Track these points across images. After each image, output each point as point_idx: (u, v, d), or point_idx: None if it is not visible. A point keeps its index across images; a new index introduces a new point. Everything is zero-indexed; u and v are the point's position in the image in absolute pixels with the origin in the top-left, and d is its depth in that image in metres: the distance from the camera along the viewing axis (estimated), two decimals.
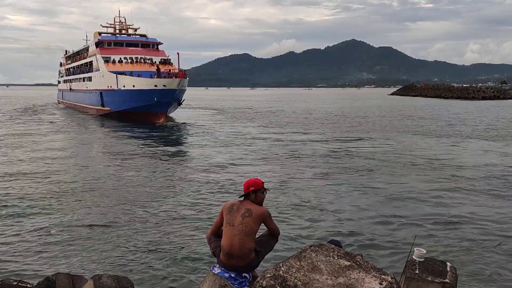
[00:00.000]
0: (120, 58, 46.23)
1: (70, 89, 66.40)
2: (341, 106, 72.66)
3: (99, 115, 46.61)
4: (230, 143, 23.84)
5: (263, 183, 5.04)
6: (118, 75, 41.98)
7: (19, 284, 5.22)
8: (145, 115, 38.60)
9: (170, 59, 46.31)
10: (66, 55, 72.50)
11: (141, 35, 52.99)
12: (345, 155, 19.28)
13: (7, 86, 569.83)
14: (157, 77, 38.27)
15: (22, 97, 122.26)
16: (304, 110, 58.11)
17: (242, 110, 59.35)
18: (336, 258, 3.94)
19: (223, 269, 4.87)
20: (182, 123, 38.19)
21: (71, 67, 66.05)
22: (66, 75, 70.52)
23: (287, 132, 29.89)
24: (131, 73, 41.90)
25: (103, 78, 46.01)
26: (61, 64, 78.35)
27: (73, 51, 67.73)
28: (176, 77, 37.72)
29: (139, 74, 41.37)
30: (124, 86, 40.98)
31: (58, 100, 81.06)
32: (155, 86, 37.44)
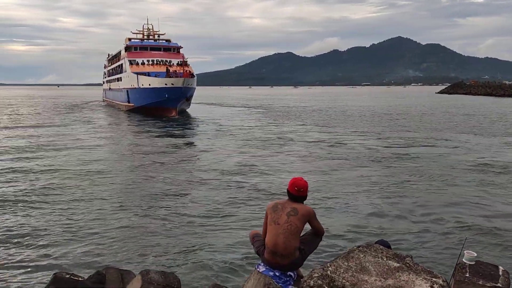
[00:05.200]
0: (143, 61, 52.17)
1: (110, 88, 72.58)
2: (387, 104, 71.08)
3: (127, 110, 53.08)
4: (266, 142, 23.32)
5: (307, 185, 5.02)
6: (138, 75, 47.86)
7: (71, 277, 5.41)
8: (159, 109, 44.48)
9: (187, 61, 52.05)
10: (108, 58, 77.49)
11: (166, 40, 59.10)
12: (393, 156, 18.78)
13: (58, 86, 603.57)
14: (166, 77, 44.45)
15: (71, 96, 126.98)
16: (347, 109, 57.17)
17: (283, 109, 59.15)
18: (385, 259, 3.86)
19: (267, 267, 4.87)
20: (216, 120, 38.45)
21: (111, 69, 71.36)
22: (108, 76, 75.89)
23: (328, 131, 29.48)
24: (148, 74, 47.72)
25: (128, 78, 52.21)
26: (105, 66, 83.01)
27: (111, 54, 73.25)
28: (182, 77, 43.50)
29: (157, 75, 46.77)
30: (142, 85, 47.05)
31: (103, 99, 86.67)
32: (165, 84, 43.44)
